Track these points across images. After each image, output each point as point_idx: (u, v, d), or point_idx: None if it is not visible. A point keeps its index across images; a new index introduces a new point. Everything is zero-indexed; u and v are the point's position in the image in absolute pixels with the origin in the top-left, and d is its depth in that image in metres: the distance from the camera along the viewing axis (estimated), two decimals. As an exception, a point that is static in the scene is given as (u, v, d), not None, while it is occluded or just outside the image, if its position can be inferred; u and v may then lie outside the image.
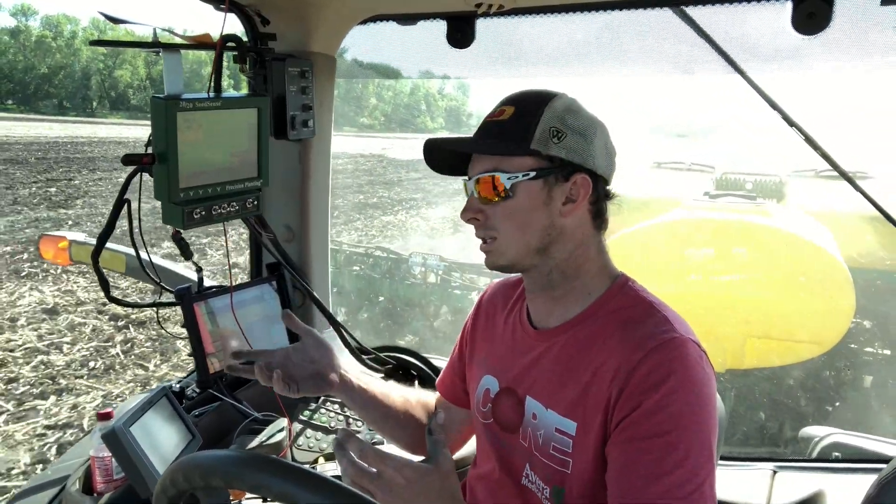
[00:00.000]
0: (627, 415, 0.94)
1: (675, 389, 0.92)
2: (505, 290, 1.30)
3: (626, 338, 1.00)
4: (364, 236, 13.36)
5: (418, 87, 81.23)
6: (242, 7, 1.63)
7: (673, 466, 0.90)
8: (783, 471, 1.75)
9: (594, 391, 1.00)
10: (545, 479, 1.08)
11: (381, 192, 20.16)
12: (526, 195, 1.04)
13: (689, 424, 0.92)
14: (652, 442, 0.91)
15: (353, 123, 66.50)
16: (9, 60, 58.13)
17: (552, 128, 1.03)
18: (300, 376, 1.24)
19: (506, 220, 1.06)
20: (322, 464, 1.63)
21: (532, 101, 1.06)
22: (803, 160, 7.27)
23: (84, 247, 2.90)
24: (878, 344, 5.71)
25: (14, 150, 23.73)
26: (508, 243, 1.07)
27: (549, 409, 1.07)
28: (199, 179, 1.25)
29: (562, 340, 1.09)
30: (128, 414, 1.32)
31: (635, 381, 0.95)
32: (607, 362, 1.00)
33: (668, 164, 8.84)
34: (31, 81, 58.98)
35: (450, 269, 6.84)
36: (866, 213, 5.47)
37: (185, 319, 1.63)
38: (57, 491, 1.45)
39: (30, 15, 66.93)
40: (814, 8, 1.25)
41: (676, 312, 1.05)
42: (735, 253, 5.15)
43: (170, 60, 1.20)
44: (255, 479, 0.73)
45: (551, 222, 1.05)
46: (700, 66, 1.53)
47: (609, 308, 1.07)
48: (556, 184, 1.04)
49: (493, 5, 1.46)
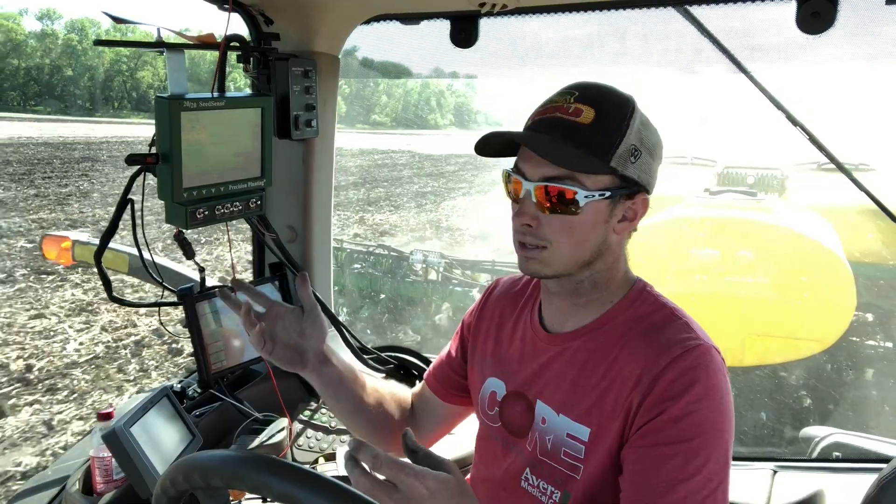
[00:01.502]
0: (650, 420, 0.94)
1: (699, 397, 0.93)
2: (513, 290, 1.26)
3: (649, 344, 0.99)
4: (437, 217, 15.82)
5: (427, 86, 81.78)
6: (246, 7, 1.62)
7: (693, 472, 0.90)
8: (783, 470, 1.74)
9: (612, 397, 1.00)
10: (554, 483, 1.07)
11: (431, 183, 22.06)
12: (592, 212, 0.98)
13: (711, 432, 0.92)
14: (674, 447, 0.92)
15: (365, 121, 67.15)
16: (36, 63, 59.00)
17: (632, 146, 0.98)
18: (281, 340, 1.18)
19: (563, 233, 0.99)
20: (322, 464, 1.63)
21: (614, 107, 0.99)
22: (805, 153, 7.27)
23: (87, 247, 2.90)
24: (880, 338, 5.71)
25: (44, 149, 24.04)
26: (560, 257, 1.01)
27: (560, 413, 1.06)
28: (202, 179, 1.25)
29: (575, 345, 1.07)
30: (128, 414, 1.32)
31: (660, 388, 0.94)
32: (627, 368, 0.99)
33: (671, 158, 8.84)
34: (57, 84, 59.66)
35: (451, 267, 6.84)
36: (868, 207, 5.46)
37: (186, 319, 1.63)
38: (57, 491, 1.45)
39: (55, 19, 67.92)
40: (818, 7, 1.24)
41: (693, 319, 1.04)
42: (736, 251, 5.15)
43: (173, 60, 1.20)
44: (255, 480, 0.73)
45: (605, 239, 1.02)
46: (704, 64, 1.53)
47: (628, 314, 1.06)
48: (619, 202, 1.01)
49: (496, 5, 1.46)
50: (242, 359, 1.75)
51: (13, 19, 61.66)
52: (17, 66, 57.76)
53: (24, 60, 58.67)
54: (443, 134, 61.33)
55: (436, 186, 21.50)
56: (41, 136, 28.61)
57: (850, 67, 1.51)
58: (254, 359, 1.76)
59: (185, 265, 2.40)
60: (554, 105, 1.01)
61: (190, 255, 1.49)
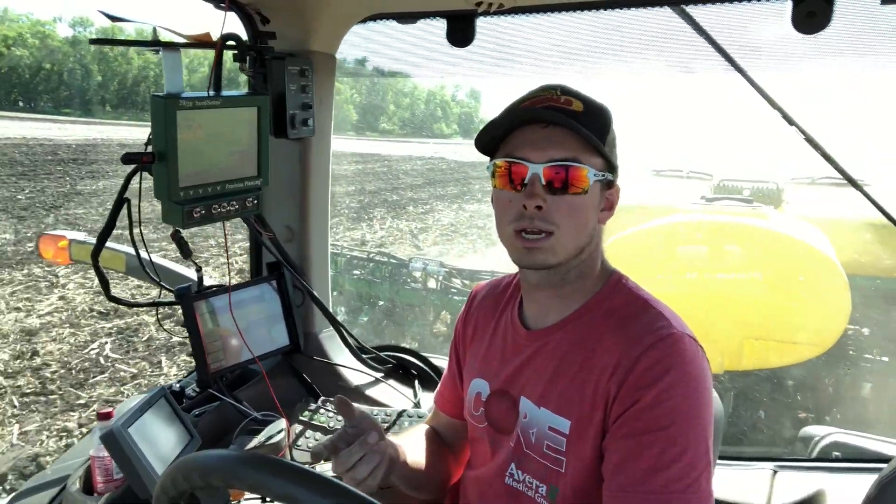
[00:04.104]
0: (626, 410, 0.95)
1: (673, 385, 0.93)
2: (494, 293, 1.27)
3: (623, 335, 1.00)
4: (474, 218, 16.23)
5: (434, 95, 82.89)
6: (242, 6, 1.63)
7: (671, 461, 0.91)
8: (783, 470, 1.74)
9: (591, 389, 1.00)
10: (540, 477, 1.08)
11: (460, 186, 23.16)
12: (593, 195, 1.02)
13: (688, 419, 0.93)
14: (651, 436, 0.92)
15: (374, 128, 68.06)
16: (69, 69, 60.08)
17: (614, 136, 1.05)
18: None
19: (570, 215, 1.00)
20: (321, 464, 1.62)
21: (596, 103, 1.04)
22: (800, 167, 7.32)
23: (84, 246, 2.89)
24: (877, 351, 5.73)
25: (71, 150, 24.34)
26: (565, 242, 1.01)
27: (541, 406, 1.07)
28: (198, 178, 1.25)
29: (556, 338, 1.08)
30: (126, 415, 1.32)
31: (634, 377, 0.95)
32: (603, 359, 1.00)
33: (667, 171, 8.88)
34: (88, 88, 61.37)
35: (450, 275, 6.85)
36: (863, 220, 5.52)
37: (184, 319, 1.63)
38: (57, 491, 1.45)
39: (87, 26, 69.45)
40: (814, 7, 1.25)
41: (670, 308, 1.05)
42: (731, 254, 5.16)
43: (170, 59, 1.20)
44: (254, 479, 0.73)
45: (595, 225, 1.06)
46: (700, 65, 1.53)
47: (603, 306, 1.07)
48: (605, 189, 1.06)
49: (493, 4, 1.46)
50: (241, 358, 1.75)
51: (48, 26, 63.71)
52: (50, 70, 59.37)
53: (58, 65, 60.35)
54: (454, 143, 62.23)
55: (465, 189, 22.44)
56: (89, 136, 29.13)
57: (846, 67, 1.51)
58: (251, 358, 1.76)
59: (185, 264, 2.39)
60: (542, 97, 1.03)
61: (187, 255, 1.49)
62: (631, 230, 5.53)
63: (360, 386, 1.93)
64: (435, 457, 1.29)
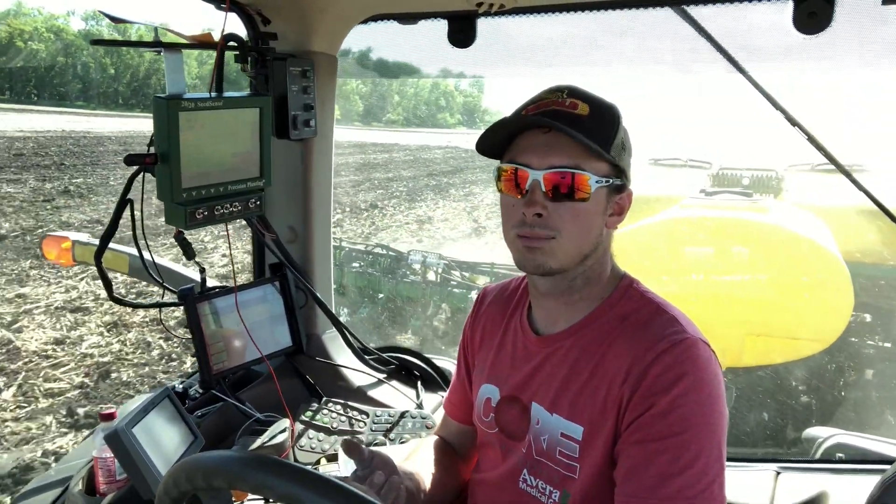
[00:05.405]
0: (640, 415, 0.95)
1: (687, 390, 0.93)
2: (502, 297, 1.27)
3: (636, 340, 0.99)
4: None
5: (437, 86, 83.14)
6: (244, 6, 1.63)
7: (684, 467, 0.90)
8: (786, 471, 1.74)
9: (602, 394, 1.00)
10: (552, 483, 1.07)
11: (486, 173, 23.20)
12: (596, 201, 1.01)
13: (701, 425, 0.92)
14: (664, 442, 0.92)
15: (378, 119, 68.36)
16: (83, 63, 60.79)
17: (622, 140, 1.03)
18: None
19: (572, 221, 0.99)
20: (324, 464, 1.62)
21: (604, 105, 1.03)
22: (799, 155, 7.28)
23: (87, 247, 2.90)
24: (879, 338, 5.72)
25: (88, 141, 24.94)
26: (567, 247, 1.00)
27: (553, 413, 1.06)
28: (201, 179, 1.25)
29: (566, 345, 1.08)
30: (130, 415, 1.32)
31: (648, 382, 0.95)
32: (616, 364, 0.99)
33: (665, 160, 8.85)
34: (102, 81, 62.65)
35: (449, 268, 6.86)
36: (863, 208, 5.49)
37: (188, 320, 1.63)
38: (60, 492, 1.45)
39: (100, 19, 69.89)
40: (815, 7, 1.25)
41: (683, 312, 1.04)
42: (733, 251, 5.15)
43: (171, 60, 1.20)
44: (257, 480, 0.73)
45: (601, 231, 1.04)
46: (701, 64, 1.53)
47: (614, 311, 1.06)
48: (613, 194, 1.04)
49: (493, 4, 1.46)
50: (244, 359, 1.75)
51: (62, 19, 65.41)
52: (65, 63, 60.63)
53: (71, 58, 61.70)
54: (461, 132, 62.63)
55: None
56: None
57: (846, 67, 1.51)
58: (255, 359, 1.77)
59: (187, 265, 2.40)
60: (548, 100, 1.02)
61: (190, 256, 1.49)
62: (630, 226, 5.52)
63: (363, 387, 1.93)
64: (449, 473, 1.29)
